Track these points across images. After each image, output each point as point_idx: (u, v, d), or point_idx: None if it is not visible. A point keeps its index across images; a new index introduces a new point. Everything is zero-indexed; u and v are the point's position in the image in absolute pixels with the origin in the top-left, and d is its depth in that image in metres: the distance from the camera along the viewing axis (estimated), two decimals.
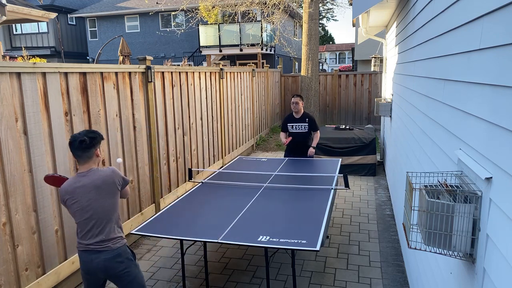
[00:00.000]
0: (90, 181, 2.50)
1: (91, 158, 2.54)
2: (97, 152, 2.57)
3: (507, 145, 1.28)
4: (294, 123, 5.56)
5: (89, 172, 2.53)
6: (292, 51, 20.18)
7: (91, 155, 2.53)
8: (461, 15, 1.92)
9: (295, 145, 5.58)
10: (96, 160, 2.59)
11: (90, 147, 2.51)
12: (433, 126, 2.56)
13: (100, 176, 2.52)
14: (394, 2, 5.09)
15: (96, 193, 2.50)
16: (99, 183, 2.51)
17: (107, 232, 2.53)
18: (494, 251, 1.36)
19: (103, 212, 2.52)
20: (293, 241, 2.85)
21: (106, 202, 2.53)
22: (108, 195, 2.54)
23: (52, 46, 23.01)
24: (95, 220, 2.50)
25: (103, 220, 2.52)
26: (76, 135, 2.51)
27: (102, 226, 2.52)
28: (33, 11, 7.11)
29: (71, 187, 2.50)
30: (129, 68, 4.37)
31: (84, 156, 2.51)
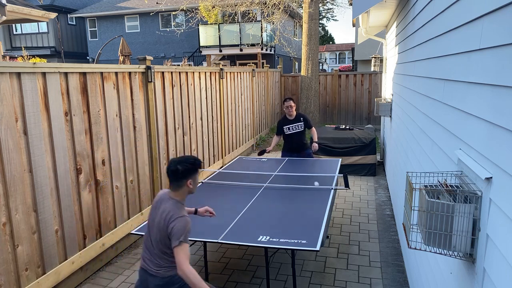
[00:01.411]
0: (162, 208, 2.45)
1: (181, 188, 2.48)
2: (188, 183, 2.47)
3: (507, 145, 1.28)
4: (290, 125, 5.60)
5: (170, 200, 2.47)
6: (292, 51, 20.18)
7: (182, 184, 2.47)
8: (461, 15, 1.92)
9: (293, 145, 5.62)
10: (186, 190, 2.50)
11: (181, 178, 2.45)
12: (433, 126, 2.56)
13: (165, 212, 2.42)
14: (394, 2, 5.09)
15: (159, 220, 2.44)
16: (161, 215, 2.44)
17: (161, 259, 2.45)
18: (494, 251, 1.36)
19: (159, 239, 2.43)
20: (293, 241, 2.85)
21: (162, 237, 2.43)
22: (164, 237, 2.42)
23: (52, 46, 23.00)
24: (153, 239, 2.46)
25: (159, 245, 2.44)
26: (172, 161, 2.47)
27: (157, 251, 2.45)
28: (33, 11, 7.11)
29: (158, 196, 2.55)
30: (129, 68, 4.37)
31: (174, 184, 2.47)
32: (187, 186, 2.48)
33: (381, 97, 9.26)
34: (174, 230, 2.33)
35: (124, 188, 4.31)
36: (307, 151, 5.70)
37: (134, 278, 3.80)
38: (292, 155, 5.68)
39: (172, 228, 2.34)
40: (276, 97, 12.62)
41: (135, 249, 4.44)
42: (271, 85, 11.93)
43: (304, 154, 5.68)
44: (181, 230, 2.33)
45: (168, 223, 2.37)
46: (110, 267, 4.03)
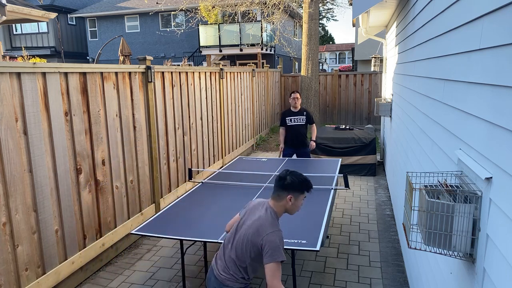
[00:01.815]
0: (258, 215, 2.31)
1: (282, 199, 2.32)
2: (288, 198, 2.30)
3: (507, 145, 1.28)
4: (293, 117, 5.86)
5: (268, 209, 2.32)
6: (292, 51, 20.18)
7: (283, 196, 2.31)
8: (461, 15, 1.92)
9: (294, 137, 5.85)
10: (285, 205, 2.32)
11: (283, 189, 2.30)
12: (433, 126, 2.56)
13: (259, 222, 2.26)
14: (394, 2, 5.09)
15: (249, 227, 2.29)
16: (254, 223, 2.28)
17: (232, 265, 2.32)
18: (494, 251, 1.36)
19: (241, 246, 2.29)
20: (293, 241, 2.85)
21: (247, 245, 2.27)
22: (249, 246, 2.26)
23: (52, 46, 23.01)
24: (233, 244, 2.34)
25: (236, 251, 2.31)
26: (286, 171, 2.35)
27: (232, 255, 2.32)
28: (33, 11, 7.11)
29: (256, 201, 2.43)
30: (129, 68, 4.37)
31: (276, 193, 2.33)
32: (286, 200, 2.31)
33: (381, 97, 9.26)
34: (270, 245, 2.17)
35: (124, 188, 4.31)
36: (305, 150, 5.89)
37: (134, 278, 3.80)
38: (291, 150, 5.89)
39: (265, 244, 2.18)
40: (276, 97, 12.62)
41: (135, 249, 4.44)
42: (271, 85, 11.93)
43: (302, 151, 5.88)
44: (276, 247, 2.17)
45: (261, 235, 2.21)
46: (110, 267, 4.03)
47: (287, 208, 2.34)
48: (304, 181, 2.33)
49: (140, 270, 3.97)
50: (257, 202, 2.43)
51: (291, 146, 5.90)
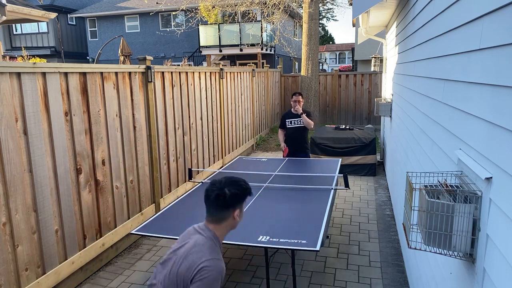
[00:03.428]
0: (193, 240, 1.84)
1: (225, 220, 1.86)
2: (235, 214, 1.87)
3: (507, 145, 1.28)
4: (293, 119, 5.65)
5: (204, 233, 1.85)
6: (292, 51, 20.18)
7: (226, 216, 1.85)
8: (461, 15, 1.92)
9: (294, 140, 5.65)
10: (231, 224, 1.88)
11: (229, 206, 1.84)
12: (433, 126, 2.56)
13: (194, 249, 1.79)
14: (394, 2, 5.09)
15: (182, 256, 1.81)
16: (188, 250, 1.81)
17: None
18: (494, 251, 1.36)
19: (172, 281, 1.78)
20: (293, 241, 2.85)
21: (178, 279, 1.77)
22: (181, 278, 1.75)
23: (52, 46, 23.00)
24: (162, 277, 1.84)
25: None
26: (216, 183, 1.85)
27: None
28: (33, 11, 7.11)
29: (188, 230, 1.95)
30: (129, 68, 4.37)
31: (216, 215, 1.85)
32: (233, 218, 1.87)
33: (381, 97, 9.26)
34: (200, 277, 1.68)
35: (124, 188, 4.31)
36: (305, 156, 5.66)
37: (134, 278, 3.80)
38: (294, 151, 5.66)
39: (198, 273, 1.69)
40: (276, 97, 12.62)
41: (135, 249, 4.44)
42: (271, 85, 11.93)
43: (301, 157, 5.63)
44: (213, 280, 1.68)
45: (195, 263, 1.73)
46: (110, 267, 4.03)
47: (233, 225, 1.90)
48: (245, 186, 1.89)
49: (140, 270, 3.97)
50: (188, 232, 1.94)
51: (290, 149, 5.68)
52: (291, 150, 5.68)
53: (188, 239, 1.88)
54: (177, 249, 1.87)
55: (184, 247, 1.84)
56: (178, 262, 1.79)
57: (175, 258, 1.83)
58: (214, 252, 1.78)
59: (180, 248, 1.86)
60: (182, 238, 1.94)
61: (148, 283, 1.95)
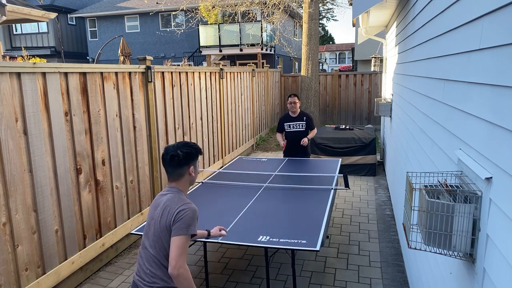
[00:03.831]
0: (162, 203, 2.14)
1: (183, 176, 2.19)
2: (190, 170, 2.20)
3: (507, 145, 1.28)
4: (292, 122, 5.43)
5: (170, 190, 2.18)
6: (292, 51, 20.18)
7: (183, 173, 2.18)
8: (461, 15, 1.92)
9: (293, 145, 5.44)
10: (189, 179, 2.22)
11: (182, 164, 2.16)
12: (433, 126, 2.56)
13: (168, 202, 2.11)
14: (394, 2, 5.09)
15: (159, 214, 2.11)
16: (163, 206, 2.12)
17: (157, 267, 2.07)
18: (494, 251, 1.36)
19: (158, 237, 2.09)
20: (293, 241, 2.85)
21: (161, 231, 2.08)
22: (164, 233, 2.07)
23: (52, 46, 23.01)
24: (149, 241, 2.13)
25: (155, 246, 2.10)
26: (169, 147, 2.18)
27: (153, 253, 2.10)
28: (33, 11, 7.11)
29: (156, 197, 2.26)
30: (129, 68, 4.37)
31: (174, 174, 2.18)
32: (188, 174, 2.20)
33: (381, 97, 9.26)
34: (179, 217, 2.02)
35: (124, 188, 4.31)
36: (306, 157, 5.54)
37: None
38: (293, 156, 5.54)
39: (177, 215, 2.03)
40: (276, 97, 12.62)
41: (135, 249, 4.44)
42: (271, 85, 11.93)
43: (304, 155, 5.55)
44: (188, 219, 2.02)
45: (172, 210, 2.05)
46: (110, 267, 4.03)
47: (191, 180, 2.24)
48: (195, 147, 2.23)
49: None
50: (156, 198, 2.26)
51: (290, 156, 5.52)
52: (292, 155, 5.51)
53: (159, 202, 2.18)
54: (153, 214, 2.17)
55: (158, 208, 2.15)
56: (157, 220, 2.10)
57: (154, 219, 2.13)
58: (184, 200, 2.12)
59: (155, 211, 2.16)
60: (153, 205, 2.23)
61: (139, 250, 2.22)
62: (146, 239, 2.17)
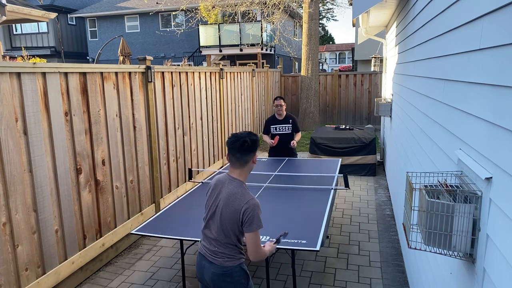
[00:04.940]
0: (227, 191, 2.27)
1: (248, 163, 2.31)
2: (254, 159, 2.33)
3: (507, 145, 1.28)
4: (278, 125, 5.45)
5: (234, 181, 2.29)
6: (292, 51, 20.18)
7: (249, 159, 2.30)
8: (461, 15, 1.92)
9: (278, 147, 5.43)
10: (251, 167, 2.34)
11: (251, 150, 2.28)
12: (433, 126, 2.56)
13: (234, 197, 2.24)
14: (394, 2, 5.09)
15: (225, 205, 2.26)
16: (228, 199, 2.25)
17: (226, 247, 2.29)
18: (494, 251, 1.36)
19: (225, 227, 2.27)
20: (293, 241, 2.85)
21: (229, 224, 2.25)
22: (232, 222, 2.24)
23: (52, 46, 23.00)
24: (216, 227, 2.30)
25: (222, 233, 2.28)
26: (239, 134, 2.30)
27: (220, 238, 2.29)
28: (33, 11, 7.11)
29: (216, 179, 2.38)
30: (129, 68, 4.37)
31: (242, 160, 2.28)
32: (252, 161, 2.32)
33: (381, 97, 9.26)
34: (248, 216, 2.18)
35: (124, 188, 4.31)
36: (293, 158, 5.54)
37: (134, 278, 3.80)
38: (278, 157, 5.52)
39: (244, 214, 2.18)
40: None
41: (135, 249, 4.44)
42: (271, 85, 11.93)
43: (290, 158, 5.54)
44: (255, 216, 2.19)
45: (239, 208, 2.20)
46: (110, 267, 4.03)
47: (251, 169, 2.36)
48: (257, 137, 2.37)
49: (140, 270, 3.97)
50: (218, 182, 2.37)
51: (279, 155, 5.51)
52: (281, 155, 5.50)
53: (221, 190, 2.31)
54: (215, 201, 2.31)
55: (220, 198, 2.28)
56: (223, 211, 2.25)
57: (219, 209, 2.27)
58: (247, 195, 2.24)
59: (217, 199, 2.30)
60: (213, 190, 2.36)
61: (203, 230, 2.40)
62: (212, 223, 2.32)
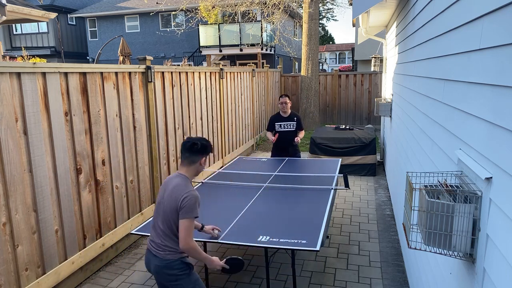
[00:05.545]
0: (172, 185, 2.52)
1: (194, 164, 2.57)
2: (202, 160, 2.58)
3: (507, 145, 1.28)
4: (282, 122, 5.55)
5: (179, 176, 2.55)
6: (292, 51, 20.18)
7: (196, 160, 2.56)
8: (461, 15, 1.92)
9: (282, 144, 5.55)
10: (197, 168, 2.59)
11: (200, 152, 2.55)
12: (433, 126, 2.56)
13: (176, 188, 2.48)
14: (394, 2, 5.09)
15: (168, 196, 2.49)
16: (172, 190, 2.49)
17: (167, 239, 2.49)
18: (494, 251, 1.36)
19: (167, 216, 2.49)
20: (293, 241, 2.85)
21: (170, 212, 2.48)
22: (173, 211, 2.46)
23: (52, 46, 23.00)
24: (160, 218, 2.52)
25: (165, 223, 2.49)
26: (192, 137, 2.59)
27: (163, 228, 2.50)
28: (33, 11, 7.11)
29: (166, 179, 2.64)
30: (129, 68, 4.37)
31: (189, 159, 2.55)
32: (199, 163, 2.57)
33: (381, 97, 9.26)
34: (185, 203, 2.39)
35: (124, 188, 4.31)
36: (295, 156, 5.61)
37: (134, 278, 3.80)
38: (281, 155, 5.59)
39: (183, 201, 2.40)
40: (276, 97, 12.62)
41: (135, 249, 4.44)
42: (271, 85, 11.93)
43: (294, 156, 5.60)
44: (192, 205, 2.41)
45: (179, 196, 2.42)
46: (110, 267, 4.03)
47: (198, 170, 2.61)
48: (210, 144, 2.64)
49: (140, 270, 3.97)
50: (167, 180, 2.63)
51: (277, 155, 5.60)
52: (280, 154, 5.59)
53: (168, 186, 2.55)
54: (163, 195, 2.55)
55: (166, 192, 2.53)
56: (167, 203, 2.49)
57: (164, 201, 2.51)
58: (188, 186, 2.49)
59: (164, 194, 2.54)
60: (162, 187, 2.61)
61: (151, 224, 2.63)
62: (157, 216, 2.56)
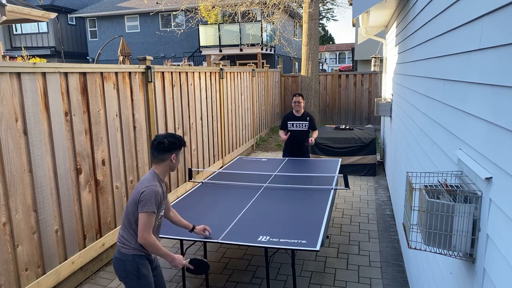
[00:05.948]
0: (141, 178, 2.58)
1: (164, 161, 2.56)
2: (171, 157, 2.56)
3: (507, 145, 1.28)
4: (295, 121, 5.57)
5: (150, 171, 2.58)
6: (292, 51, 20.18)
7: (165, 158, 2.55)
8: (461, 15, 1.92)
9: (294, 144, 5.58)
10: (169, 164, 2.58)
11: (165, 151, 2.53)
12: (433, 126, 2.56)
13: (141, 182, 2.52)
14: (394, 2, 5.09)
15: (134, 189, 2.56)
16: (137, 184, 2.55)
17: (125, 231, 2.54)
18: (494, 251, 1.36)
19: (128, 208, 2.54)
20: (293, 241, 2.85)
21: (130, 204, 2.53)
22: (132, 201, 2.51)
23: (52, 46, 23.00)
24: (126, 212, 2.57)
25: (125, 215, 2.55)
26: (158, 135, 2.58)
27: (124, 220, 2.55)
28: (33, 11, 7.11)
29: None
30: (129, 68, 4.37)
31: (158, 158, 2.55)
32: (170, 160, 2.56)
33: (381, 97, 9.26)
34: (143, 197, 2.41)
35: (124, 188, 4.31)
36: (305, 155, 5.66)
37: None
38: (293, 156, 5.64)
39: (141, 195, 2.42)
40: (276, 97, 12.62)
41: None
42: (271, 85, 11.93)
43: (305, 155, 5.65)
44: (149, 199, 2.41)
45: (140, 189, 2.45)
46: (110, 267, 4.03)
47: (171, 166, 2.60)
48: (180, 138, 2.61)
49: None
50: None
51: (290, 154, 5.65)
52: (292, 153, 5.63)
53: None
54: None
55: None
56: (132, 195, 2.52)
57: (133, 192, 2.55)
58: (151, 181, 2.49)
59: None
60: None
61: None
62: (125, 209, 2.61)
